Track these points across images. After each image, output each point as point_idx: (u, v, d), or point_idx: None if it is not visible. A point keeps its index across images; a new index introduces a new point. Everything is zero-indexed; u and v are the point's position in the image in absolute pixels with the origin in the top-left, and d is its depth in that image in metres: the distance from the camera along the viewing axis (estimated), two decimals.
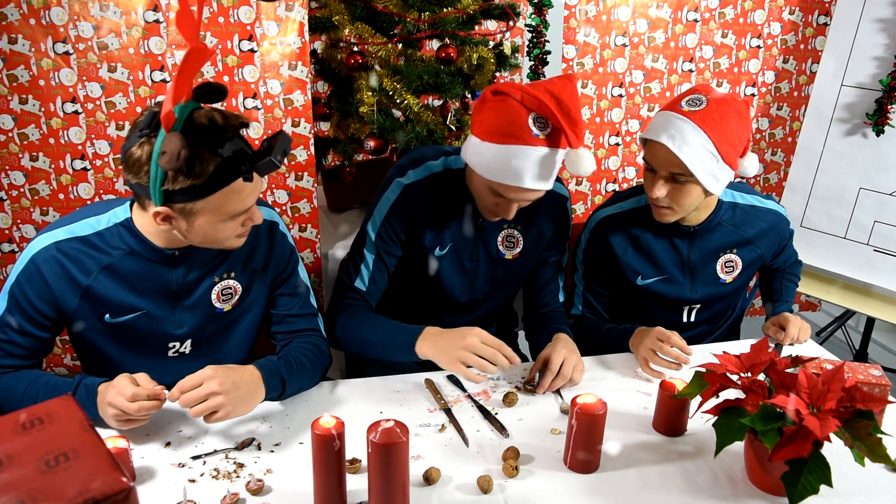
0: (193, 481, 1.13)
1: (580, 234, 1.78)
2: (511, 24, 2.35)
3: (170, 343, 1.37)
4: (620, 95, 2.52)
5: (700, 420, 1.23)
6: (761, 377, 1.15)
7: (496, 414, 1.35)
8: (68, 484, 0.62)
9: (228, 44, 1.92)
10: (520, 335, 1.93)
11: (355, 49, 2.21)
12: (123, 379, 1.17)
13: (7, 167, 1.92)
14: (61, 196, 1.98)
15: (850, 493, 1.14)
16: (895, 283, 2.44)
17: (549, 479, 1.16)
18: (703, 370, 1.17)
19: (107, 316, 1.30)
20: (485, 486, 1.12)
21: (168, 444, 1.22)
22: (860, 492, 1.15)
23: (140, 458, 1.18)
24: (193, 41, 1.02)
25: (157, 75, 1.90)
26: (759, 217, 1.68)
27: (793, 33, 2.60)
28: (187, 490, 1.10)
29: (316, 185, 2.15)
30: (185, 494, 1.06)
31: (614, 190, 2.66)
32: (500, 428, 1.30)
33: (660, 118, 1.48)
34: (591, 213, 1.76)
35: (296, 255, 1.49)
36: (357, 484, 1.12)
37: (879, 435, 1.01)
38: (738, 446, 1.13)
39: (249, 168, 1.14)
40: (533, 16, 2.23)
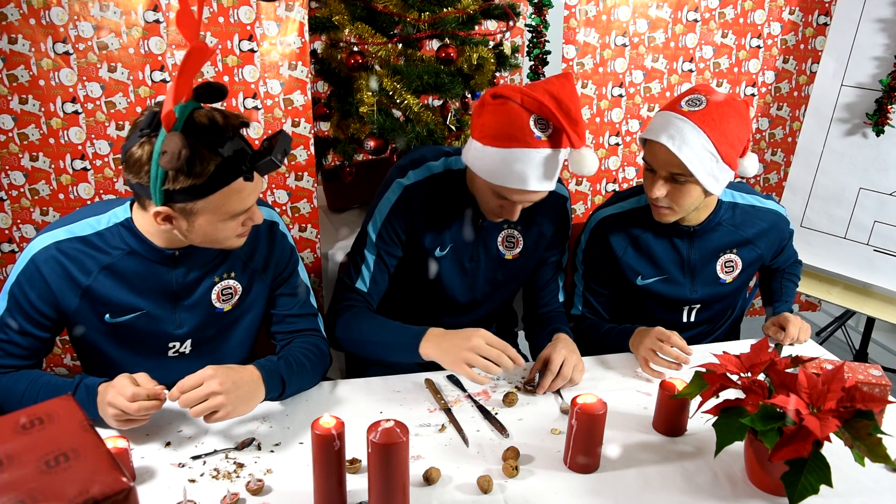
0: (193, 481, 1.13)
1: (580, 234, 1.78)
2: (511, 24, 2.35)
3: (170, 343, 1.37)
4: (620, 95, 2.52)
5: (700, 420, 1.23)
6: (761, 377, 1.15)
7: (496, 414, 1.35)
8: (68, 484, 0.62)
9: (228, 44, 1.92)
10: (520, 335, 1.93)
11: (355, 49, 2.21)
12: (123, 379, 1.17)
13: (7, 167, 1.92)
14: (61, 196, 1.98)
15: (850, 493, 1.14)
16: (895, 283, 2.44)
17: (549, 479, 1.16)
18: (703, 370, 1.17)
19: (107, 316, 1.30)
20: (485, 486, 1.12)
21: (168, 444, 1.22)
22: (860, 492, 1.15)
23: (140, 458, 1.18)
24: (194, 41, 1.02)
25: (157, 75, 1.90)
26: (758, 217, 1.68)
27: (793, 33, 2.60)
28: (187, 490, 1.10)
29: (316, 185, 2.15)
30: (185, 494, 1.06)
31: (614, 190, 2.66)
32: (500, 428, 1.30)
33: (659, 118, 1.48)
34: (591, 213, 1.76)
35: (296, 255, 1.49)
36: (357, 484, 1.12)
37: (879, 435, 1.01)
38: (738, 446, 1.13)
39: (250, 167, 1.14)
40: (533, 16, 2.23)
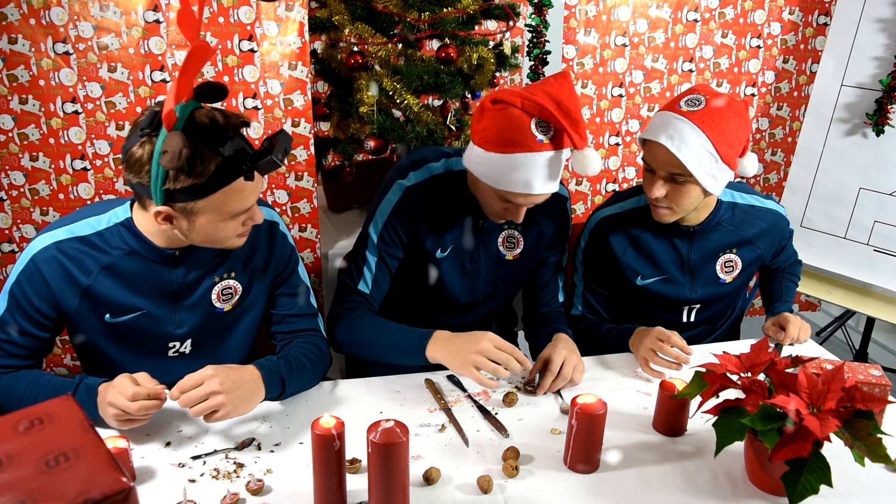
0: (193, 481, 1.13)
1: (580, 235, 1.78)
2: (511, 24, 2.35)
3: (170, 343, 1.37)
4: (620, 95, 2.52)
5: (700, 420, 1.23)
6: (761, 377, 1.15)
7: (496, 414, 1.35)
8: (68, 484, 0.62)
9: (228, 44, 1.92)
10: (520, 335, 1.93)
11: (355, 49, 2.21)
12: (124, 378, 1.17)
13: (7, 167, 1.92)
14: (61, 196, 1.98)
15: (850, 493, 1.14)
16: (895, 283, 2.44)
17: (549, 479, 1.16)
18: (703, 370, 1.17)
19: (107, 316, 1.30)
20: (485, 486, 1.12)
21: (168, 444, 1.22)
22: (860, 492, 1.15)
23: (140, 458, 1.18)
24: (194, 40, 1.02)
25: (157, 75, 1.90)
26: (758, 217, 1.68)
27: (793, 33, 2.60)
28: (187, 490, 1.10)
29: (316, 185, 2.15)
30: (185, 494, 1.06)
31: (614, 190, 2.66)
32: (500, 428, 1.30)
33: (659, 118, 1.48)
34: (591, 214, 1.76)
35: (296, 255, 1.49)
36: (357, 484, 1.12)
37: (879, 435, 1.01)
38: (738, 446, 1.13)
39: (250, 167, 1.14)
40: (533, 16, 2.23)
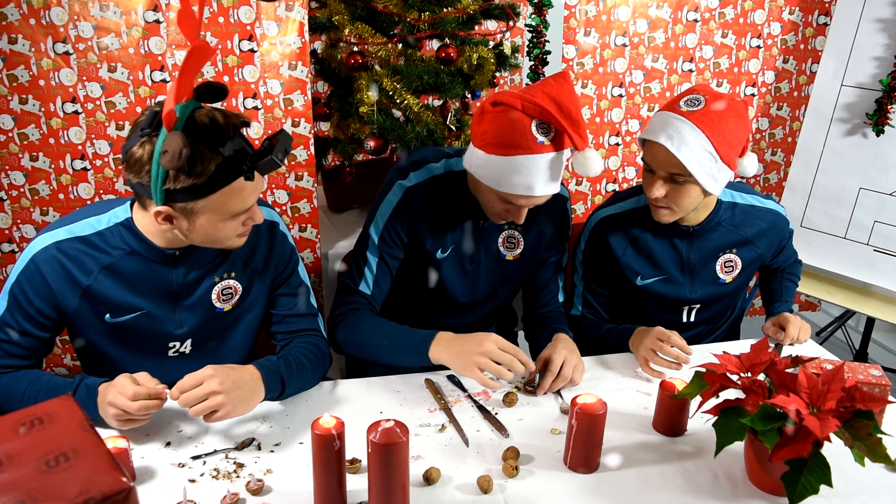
0: (193, 481, 1.13)
1: (580, 235, 1.78)
2: (511, 24, 2.35)
3: (170, 343, 1.37)
4: (620, 95, 2.52)
5: (700, 420, 1.23)
6: (761, 377, 1.15)
7: (496, 414, 1.35)
8: (68, 484, 0.62)
9: (228, 44, 1.92)
10: (520, 335, 1.93)
11: (355, 49, 2.21)
12: (124, 378, 1.17)
13: (7, 167, 1.92)
14: (61, 196, 1.98)
15: (850, 493, 1.14)
16: (895, 283, 2.44)
17: (549, 479, 1.16)
18: (703, 370, 1.17)
19: (107, 316, 1.30)
20: (485, 486, 1.12)
21: (168, 444, 1.22)
22: (860, 492, 1.15)
23: (140, 458, 1.18)
24: (194, 40, 1.02)
25: (157, 75, 1.90)
26: (758, 217, 1.68)
27: (793, 33, 2.60)
28: (187, 490, 1.10)
29: (316, 185, 2.15)
30: (185, 494, 1.06)
31: (614, 190, 2.67)
32: (500, 428, 1.30)
33: (658, 118, 1.48)
34: (591, 214, 1.76)
35: (296, 255, 1.49)
36: (357, 484, 1.12)
37: (879, 435, 1.01)
38: (738, 446, 1.13)
39: (251, 167, 1.14)
40: (533, 16, 2.23)
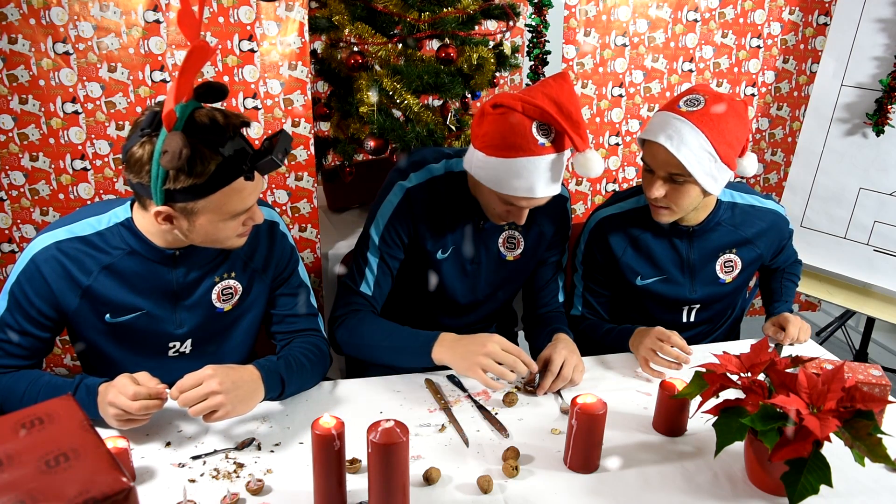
0: (193, 481, 1.13)
1: (580, 235, 1.78)
2: (511, 24, 2.35)
3: (170, 343, 1.37)
4: (620, 95, 2.52)
5: (700, 420, 1.23)
6: (761, 377, 1.15)
7: (496, 414, 1.35)
8: (68, 484, 0.62)
9: (228, 44, 1.92)
10: (520, 335, 1.93)
11: (355, 49, 2.21)
12: (124, 378, 1.17)
13: (7, 167, 1.92)
14: (61, 196, 1.98)
15: (850, 493, 1.14)
16: (895, 283, 2.44)
17: (549, 479, 1.16)
18: (703, 370, 1.17)
19: (107, 316, 1.30)
20: (485, 486, 1.12)
21: (168, 444, 1.22)
22: (860, 492, 1.15)
23: (140, 458, 1.18)
24: (194, 40, 1.02)
25: (157, 75, 1.90)
26: (758, 217, 1.68)
27: (793, 33, 2.60)
28: (187, 490, 1.10)
29: (316, 185, 2.15)
30: (185, 494, 1.06)
31: (614, 190, 2.67)
32: (500, 428, 1.30)
33: (658, 118, 1.48)
34: (591, 214, 1.76)
35: (296, 255, 1.49)
36: (357, 484, 1.12)
37: (879, 435, 1.01)
38: (738, 446, 1.13)
39: (251, 167, 1.14)
40: (533, 16, 2.23)
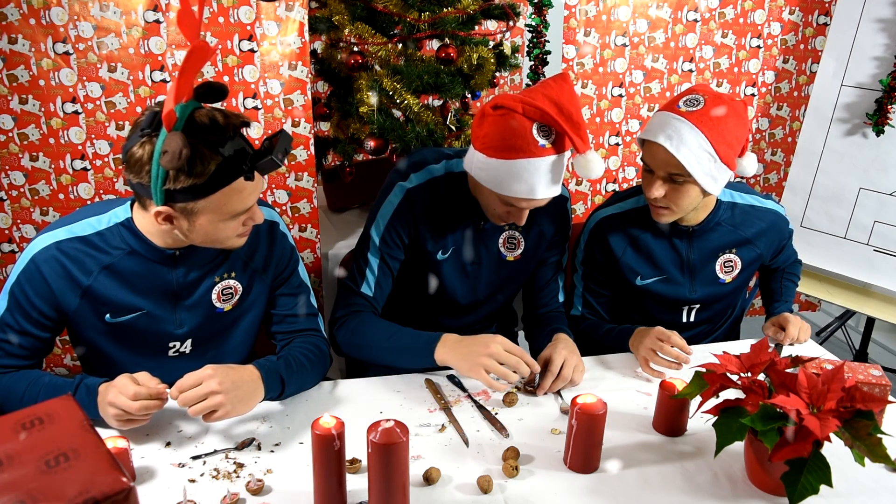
0: (193, 481, 1.13)
1: (579, 235, 1.78)
2: (511, 24, 2.35)
3: (170, 343, 1.37)
4: (620, 95, 2.52)
5: (700, 420, 1.23)
6: (761, 377, 1.15)
7: (496, 414, 1.35)
8: (68, 484, 0.62)
9: (228, 44, 1.92)
10: (520, 335, 1.93)
11: (355, 49, 2.21)
12: (125, 378, 1.17)
13: (7, 167, 1.92)
14: (61, 196, 1.98)
15: (850, 493, 1.14)
16: (895, 283, 2.44)
17: (549, 479, 1.16)
18: (703, 370, 1.17)
19: (107, 316, 1.30)
20: (485, 486, 1.12)
21: (168, 444, 1.22)
22: (860, 492, 1.15)
23: (140, 458, 1.19)
24: (194, 40, 1.02)
25: (157, 75, 1.90)
26: (758, 217, 1.68)
27: (793, 33, 2.60)
28: (187, 490, 1.10)
29: (316, 185, 2.15)
30: (185, 494, 1.06)
31: (614, 190, 2.67)
32: (500, 428, 1.30)
33: (657, 119, 1.48)
34: (591, 214, 1.76)
35: (296, 254, 1.49)
36: (357, 484, 1.13)
37: (879, 435, 1.01)
38: (738, 446, 1.13)
39: (251, 167, 1.14)
40: (533, 16, 2.23)
